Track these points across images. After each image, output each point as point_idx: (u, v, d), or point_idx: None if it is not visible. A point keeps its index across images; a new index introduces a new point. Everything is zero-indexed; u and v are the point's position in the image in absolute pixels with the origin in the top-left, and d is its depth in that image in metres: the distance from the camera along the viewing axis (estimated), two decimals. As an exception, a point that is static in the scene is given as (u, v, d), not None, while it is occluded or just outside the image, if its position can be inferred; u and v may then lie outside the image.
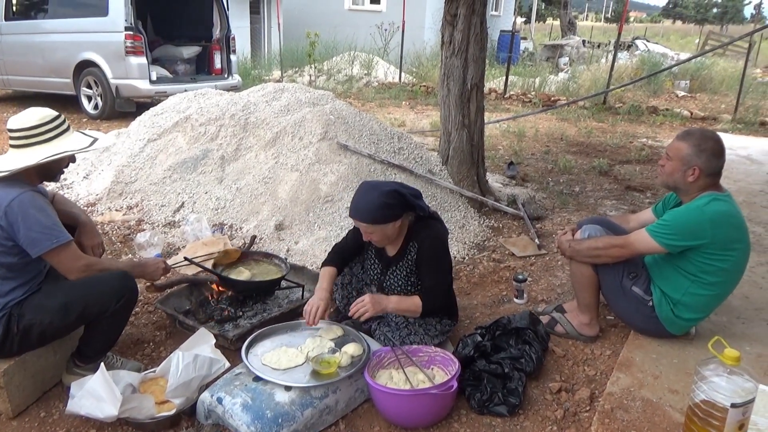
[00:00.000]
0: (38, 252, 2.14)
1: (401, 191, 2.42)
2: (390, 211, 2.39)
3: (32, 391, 2.34)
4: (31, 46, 8.76)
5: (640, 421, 2.14)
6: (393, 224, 2.42)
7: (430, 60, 14.17)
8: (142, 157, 4.93)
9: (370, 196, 2.39)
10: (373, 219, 2.39)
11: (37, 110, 2.28)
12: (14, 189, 2.14)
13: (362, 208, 2.39)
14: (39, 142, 2.23)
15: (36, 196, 2.19)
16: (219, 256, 3.12)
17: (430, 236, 2.50)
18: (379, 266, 2.68)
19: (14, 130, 2.22)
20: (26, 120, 2.23)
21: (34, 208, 2.14)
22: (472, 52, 4.43)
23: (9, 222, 2.10)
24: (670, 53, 16.49)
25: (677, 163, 2.47)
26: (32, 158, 2.19)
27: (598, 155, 6.88)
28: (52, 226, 2.17)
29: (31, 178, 2.25)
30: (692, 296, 2.50)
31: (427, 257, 2.50)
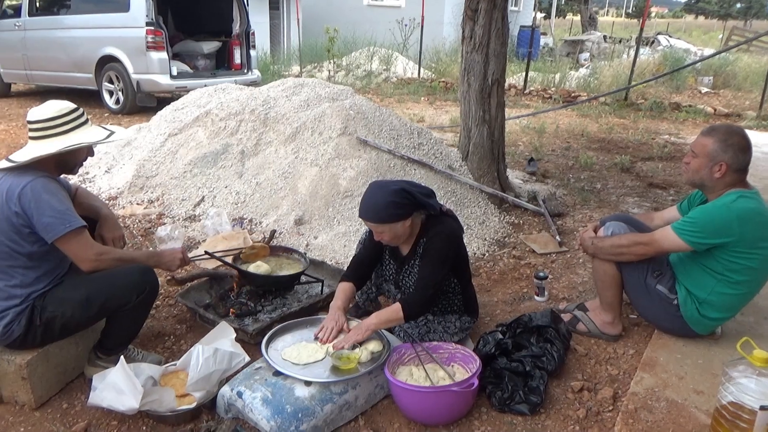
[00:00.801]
0: (53, 237, 2.14)
1: (409, 190, 2.38)
2: (398, 210, 2.36)
3: (55, 383, 2.37)
4: (54, 41, 8.88)
5: (665, 422, 2.10)
6: (402, 223, 2.39)
7: (449, 56, 14.10)
8: (162, 152, 4.97)
9: (377, 196, 2.37)
10: (381, 218, 2.36)
11: (55, 102, 2.30)
12: (28, 175, 2.16)
13: (371, 208, 2.37)
14: (57, 133, 2.24)
15: (49, 181, 2.19)
16: (246, 252, 3.11)
17: (437, 231, 2.45)
18: (394, 266, 2.67)
19: (33, 121, 2.24)
20: (45, 112, 2.25)
21: (47, 192, 2.15)
22: (493, 47, 4.38)
23: (23, 207, 2.12)
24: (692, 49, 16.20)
25: (703, 160, 2.41)
26: (49, 149, 2.20)
27: (620, 152, 6.79)
28: (65, 210, 2.17)
29: (49, 169, 2.26)
30: (718, 295, 2.45)
31: (427, 250, 2.45)
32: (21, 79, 9.84)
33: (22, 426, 2.20)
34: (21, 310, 2.19)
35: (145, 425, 2.19)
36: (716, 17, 45.79)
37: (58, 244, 2.17)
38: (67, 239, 2.17)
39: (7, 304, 2.18)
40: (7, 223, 2.14)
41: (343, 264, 3.52)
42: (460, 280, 2.62)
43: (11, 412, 2.27)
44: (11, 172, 2.19)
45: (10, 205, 2.12)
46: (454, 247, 2.49)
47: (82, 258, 2.22)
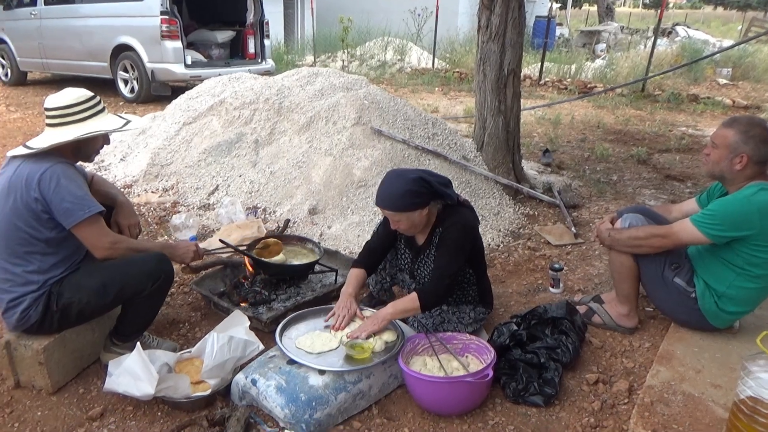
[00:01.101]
0: (72, 222, 2.15)
1: (427, 179, 2.36)
2: (416, 199, 2.34)
3: (71, 368, 2.39)
4: (70, 30, 8.93)
5: (681, 416, 2.08)
6: (419, 212, 2.37)
7: (464, 46, 14.00)
8: (177, 140, 4.98)
9: (395, 184, 2.35)
10: (398, 206, 2.35)
11: (73, 90, 2.31)
12: (47, 162, 2.18)
13: (388, 196, 2.36)
14: (74, 121, 2.25)
15: (67, 167, 2.21)
16: (259, 249, 3.09)
17: (454, 222, 2.43)
18: (410, 255, 2.65)
19: (50, 108, 2.25)
20: (62, 99, 2.26)
21: (66, 178, 2.16)
22: (510, 36, 4.33)
23: (42, 193, 2.13)
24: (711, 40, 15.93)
25: (724, 151, 2.37)
26: (66, 136, 2.22)
27: (637, 143, 6.70)
28: (83, 196, 2.19)
29: (66, 157, 2.28)
30: (738, 289, 2.41)
31: (443, 240, 2.43)
32: (37, 68, 9.91)
33: (39, 410, 2.23)
34: (38, 296, 2.21)
35: (160, 411, 2.21)
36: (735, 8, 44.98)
37: (74, 230, 2.19)
38: (85, 226, 2.18)
39: (25, 290, 2.20)
40: (26, 209, 2.15)
41: (357, 254, 3.50)
42: (475, 271, 2.60)
43: (29, 396, 2.30)
44: (29, 158, 2.20)
45: (30, 191, 2.13)
46: (470, 237, 2.47)
47: (97, 245, 2.24)
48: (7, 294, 2.22)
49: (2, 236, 2.19)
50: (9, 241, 2.19)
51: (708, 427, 2.03)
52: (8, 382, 2.33)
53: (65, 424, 2.16)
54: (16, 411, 2.22)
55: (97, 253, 2.26)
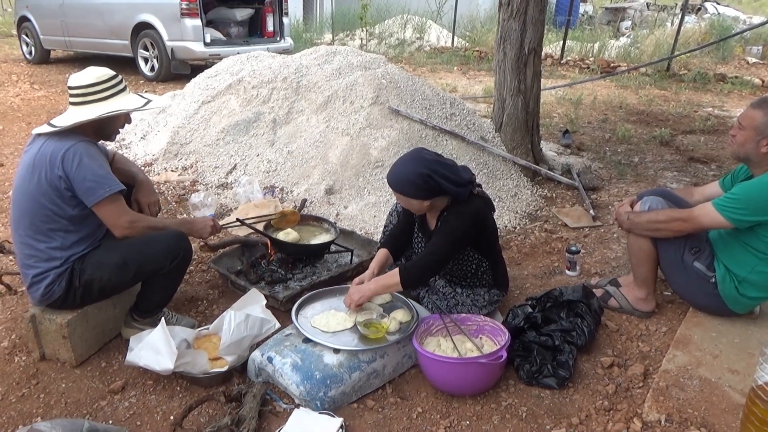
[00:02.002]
0: (94, 200, 2.19)
1: (434, 178, 2.30)
2: (414, 190, 2.33)
3: (93, 343, 2.45)
4: (92, 8, 8.96)
5: (697, 401, 2.07)
6: (418, 201, 2.38)
7: (484, 24, 13.79)
8: (196, 119, 5.01)
9: (405, 168, 2.35)
10: (398, 188, 2.38)
11: (95, 69, 2.33)
12: (70, 140, 2.21)
13: (394, 174, 2.38)
14: (96, 99, 2.28)
15: (90, 146, 2.25)
16: (277, 218, 3.14)
17: (458, 210, 2.41)
18: (423, 239, 2.66)
19: (73, 87, 2.27)
20: (85, 78, 2.28)
21: (89, 156, 2.20)
22: (531, 14, 4.25)
23: (65, 171, 2.16)
24: (742, 17, 15.47)
25: (750, 133, 2.32)
26: (89, 114, 2.24)
27: (660, 125, 6.58)
28: (105, 174, 2.23)
29: (88, 135, 2.30)
30: (759, 274, 2.37)
31: (443, 224, 2.42)
32: (60, 46, 9.99)
33: (63, 382, 2.29)
34: (61, 272, 2.26)
35: (179, 386, 2.26)
36: (768, -16, 43.50)
37: (95, 209, 2.22)
38: (105, 204, 2.22)
39: (48, 266, 2.25)
40: (50, 187, 2.19)
41: (373, 234, 3.52)
42: (487, 257, 2.58)
43: (54, 368, 2.36)
44: (53, 136, 2.24)
45: (54, 169, 2.17)
46: (472, 226, 2.42)
47: (116, 224, 2.28)
48: (32, 269, 2.27)
49: (27, 213, 2.24)
50: (33, 218, 2.23)
51: (724, 413, 2.02)
52: (34, 355, 2.40)
53: (88, 396, 2.22)
54: (42, 383, 2.29)
55: (116, 231, 2.29)
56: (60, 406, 2.18)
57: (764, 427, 1.81)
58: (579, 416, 2.11)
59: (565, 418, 2.10)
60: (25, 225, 2.25)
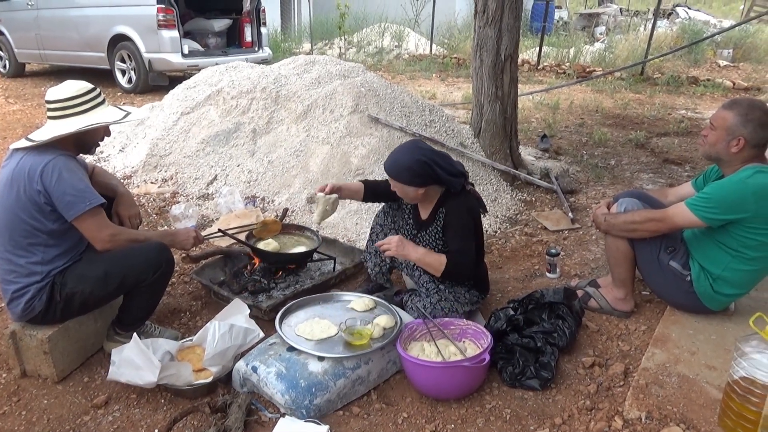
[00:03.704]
0: (74, 214, 2.18)
1: (432, 165, 2.42)
2: (414, 178, 2.43)
3: (75, 357, 2.43)
4: (66, 20, 8.88)
5: (676, 397, 2.11)
6: (414, 189, 2.46)
7: (462, 31, 13.91)
8: (175, 131, 4.99)
9: (403, 155, 2.45)
10: (394, 175, 2.47)
11: (73, 83, 2.32)
12: (49, 154, 2.19)
13: (392, 162, 2.48)
14: (75, 113, 2.27)
15: (69, 160, 2.23)
16: (258, 228, 3.14)
17: (457, 205, 2.51)
18: (413, 228, 2.70)
19: (51, 101, 2.26)
20: (63, 92, 2.27)
21: (68, 170, 2.18)
22: (507, 21, 4.32)
23: (44, 185, 2.15)
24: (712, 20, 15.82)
25: (721, 133, 2.38)
26: (69, 128, 2.23)
27: (635, 128, 6.70)
28: (85, 188, 2.21)
29: (67, 149, 2.29)
30: (733, 271, 2.44)
31: (452, 224, 2.51)
32: (35, 59, 9.87)
33: (45, 398, 2.27)
34: (42, 286, 2.24)
35: (163, 398, 2.25)
36: (737, -12, 44.47)
37: (75, 222, 2.21)
38: (85, 218, 2.20)
39: (29, 281, 2.23)
40: (29, 202, 2.17)
41: (356, 242, 3.54)
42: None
43: (35, 384, 2.34)
44: (31, 151, 2.22)
45: (33, 183, 2.15)
46: (473, 218, 2.55)
47: (97, 238, 2.26)
48: (12, 285, 2.25)
49: (6, 228, 2.22)
50: (13, 233, 2.21)
51: (702, 408, 2.06)
52: (15, 371, 2.37)
53: (71, 412, 2.20)
54: (23, 399, 2.26)
55: (97, 245, 2.28)
56: (42, 422, 2.15)
57: (740, 421, 1.86)
58: (562, 416, 2.14)
59: (549, 419, 2.13)
60: (4, 240, 2.23)
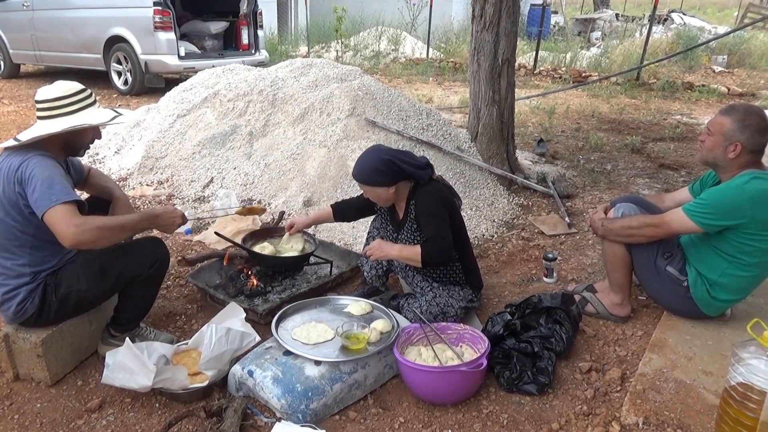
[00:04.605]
0: (41, 211, 2.03)
1: (397, 162, 2.49)
2: (381, 177, 2.49)
3: (69, 361, 2.41)
4: (62, 21, 8.86)
5: (673, 403, 2.11)
6: (385, 189, 2.52)
7: (459, 35, 13.94)
8: (171, 133, 4.97)
9: (367, 160, 2.53)
10: (363, 179, 2.54)
11: (63, 83, 2.29)
12: (26, 155, 2.13)
13: (358, 168, 2.55)
14: (62, 113, 2.22)
15: (43, 159, 2.13)
16: (242, 210, 3.24)
17: (423, 194, 2.55)
18: (392, 228, 2.74)
19: (40, 101, 2.23)
20: (52, 91, 2.24)
21: (41, 168, 2.09)
22: (504, 25, 4.33)
23: (21, 186, 2.09)
24: (707, 27, 15.89)
25: (718, 138, 2.38)
26: (54, 128, 2.19)
27: (631, 132, 6.72)
28: (51, 185, 2.06)
29: (56, 151, 2.25)
30: (729, 277, 2.44)
31: (422, 212, 2.53)
32: (30, 60, 9.84)
33: (38, 402, 2.25)
34: (33, 288, 2.21)
35: (157, 402, 2.23)
36: (731, -6, 44.75)
37: (45, 220, 2.05)
38: (51, 214, 2.02)
39: (18, 282, 2.20)
40: (9, 204, 2.13)
41: (352, 245, 3.53)
42: (456, 251, 2.62)
43: (28, 388, 2.31)
44: (15, 151, 2.18)
45: (11, 184, 2.11)
46: (442, 202, 2.54)
47: (64, 233, 2.02)
48: (2, 287, 2.23)
49: None
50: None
51: (699, 414, 2.06)
52: (7, 375, 2.35)
53: (64, 416, 2.18)
54: (16, 403, 2.24)
55: (65, 241, 2.02)
56: (35, 426, 2.13)
57: (738, 427, 1.86)
58: (559, 422, 2.13)
59: (546, 424, 2.13)
60: None
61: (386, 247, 2.53)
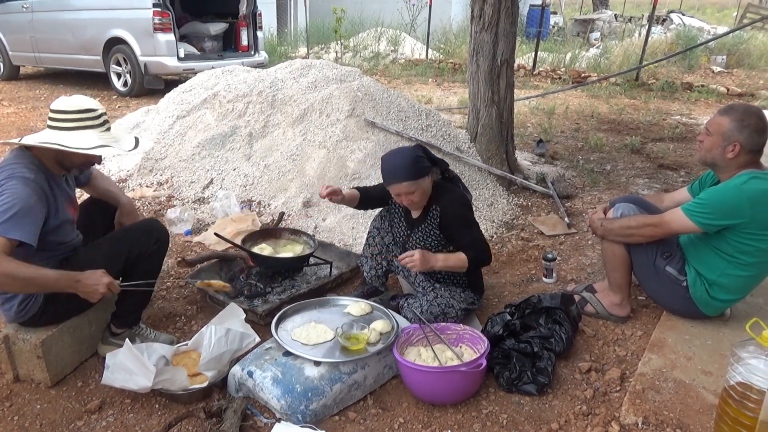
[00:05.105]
0: None
1: (423, 150, 2.52)
2: (424, 163, 2.46)
3: (69, 362, 2.41)
4: (62, 23, 8.86)
5: (672, 402, 2.11)
6: (427, 178, 2.48)
7: (458, 36, 13.95)
8: (171, 134, 4.97)
9: (401, 156, 2.46)
10: (413, 174, 2.42)
11: (79, 98, 2.24)
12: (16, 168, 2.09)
13: (401, 169, 2.43)
14: (59, 127, 2.17)
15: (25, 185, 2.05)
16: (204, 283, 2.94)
17: (451, 199, 2.55)
18: (406, 228, 2.72)
19: (51, 110, 2.21)
20: (61, 103, 2.20)
21: (11, 192, 2.03)
22: (503, 26, 4.33)
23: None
24: (706, 27, 15.89)
25: (717, 139, 2.39)
26: (36, 138, 2.15)
27: (630, 133, 6.72)
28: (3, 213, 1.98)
29: (51, 163, 2.22)
30: (728, 277, 2.44)
31: (454, 218, 2.52)
32: (29, 62, 9.84)
33: (38, 403, 2.25)
34: None
35: (157, 403, 2.23)
36: (730, -5, 44.74)
37: None
38: None
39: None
40: None
41: (352, 246, 3.53)
42: None
43: (28, 389, 2.31)
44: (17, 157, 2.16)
45: None
46: (469, 208, 2.60)
47: None
48: (2, 288, 2.21)
49: None
50: None
51: (698, 413, 2.06)
52: (7, 376, 2.35)
53: (64, 417, 2.18)
54: (16, 404, 2.24)
55: None
56: (35, 427, 2.13)
57: (737, 427, 1.86)
58: (558, 422, 2.13)
59: (545, 424, 2.13)
60: None
61: (431, 258, 2.43)
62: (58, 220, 2.24)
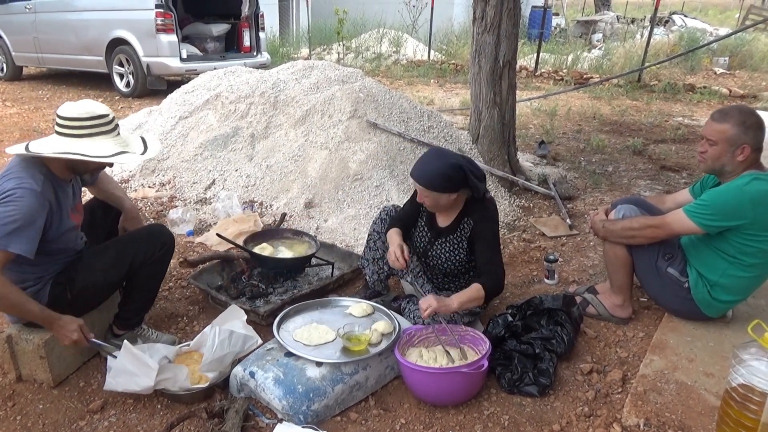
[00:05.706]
0: None
1: (465, 168, 2.42)
2: (447, 183, 2.40)
3: (72, 362, 2.41)
4: (64, 23, 8.88)
5: (674, 404, 2.11)
6: (448, 195, 2.44)
7: (460, 37, 13.95)
8: (173, 135, 4.98)
9: (435, 163, 2.41)
10: (429, 184, 2.41)
11: (87, 103, 2.21)
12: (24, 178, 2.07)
13: (424, 172, 2.42)
14: (70, 135, 2.15)
15: (30, 197, 2.05)
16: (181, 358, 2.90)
17: (487, 217, 2.53)
18: (428, 235, 2.68)
19: (58, 116, 2.19)
20: (70, 110, 2.17)
21: (14, 205, 2.02)
22: (505, 27, 4.33)
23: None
24: (708, 28, 15.89)
25: (723, 146, 2.37)
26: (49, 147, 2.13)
27: (632, 134, 6.72)
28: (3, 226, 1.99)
29: (60, 168, 2.21)
30: (730, 278, 2.44)
31: (483, 236, 2.51)
32: (32, 62, 9.86)
33: (41, 403, 2.25)
34: (38, 289, 2.23)
35: (159, 403, 2.24)
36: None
37: None
38: None
39: (23, 286, 2.18)
40: None
41: (354, 247, 3.54)
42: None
43: (30, 389, 2.32)
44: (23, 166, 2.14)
45: None
46: (498, 227, 2.60)
47: None
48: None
49: None
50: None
51: (700, 415, 2.06)
52: (10, 376, 2.36)
53: (66, 417, 2.18)
54: (18, 404, 2.25)
55: None
56: (38, 427, 2.14)
57: (739, 428, 1.86)
58: (560, 423, 2.13)
59: (547, 426, 2.13)
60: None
61: (447, 302, 2.36)
62: (62, 230, 2.24)
